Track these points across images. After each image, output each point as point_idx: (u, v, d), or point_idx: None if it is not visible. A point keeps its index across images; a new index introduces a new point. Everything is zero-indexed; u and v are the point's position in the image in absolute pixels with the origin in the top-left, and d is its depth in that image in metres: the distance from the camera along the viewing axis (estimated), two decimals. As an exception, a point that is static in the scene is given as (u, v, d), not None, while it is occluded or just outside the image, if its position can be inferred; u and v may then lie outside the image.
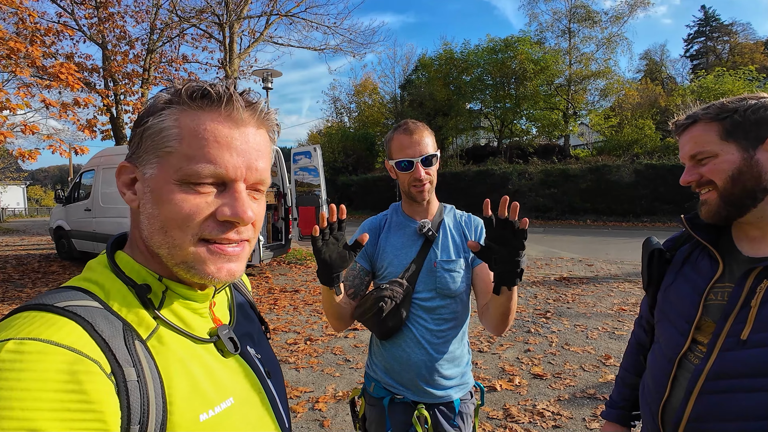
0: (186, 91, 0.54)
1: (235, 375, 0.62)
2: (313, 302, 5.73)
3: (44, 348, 0.43)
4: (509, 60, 20.82)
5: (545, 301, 5.59)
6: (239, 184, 0.55)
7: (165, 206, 0.53)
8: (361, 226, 1.46)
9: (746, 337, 0.84)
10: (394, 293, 1.29)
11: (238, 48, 11.24)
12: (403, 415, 1.34)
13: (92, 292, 0.53)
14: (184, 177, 0.53)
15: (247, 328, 0.73)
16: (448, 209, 1.47)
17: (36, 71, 7.69)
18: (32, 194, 49.21)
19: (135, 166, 0.56)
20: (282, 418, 0.69)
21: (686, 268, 1.01)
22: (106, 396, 0.44)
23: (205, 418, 0.53)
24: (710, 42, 36.27)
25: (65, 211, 9.07)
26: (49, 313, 0.47)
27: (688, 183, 0.95)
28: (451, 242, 1.39)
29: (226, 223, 0.55)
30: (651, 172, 15.11)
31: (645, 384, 1.07)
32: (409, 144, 1.30)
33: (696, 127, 0.93)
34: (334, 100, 31.90)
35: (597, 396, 3.06)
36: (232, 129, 0.54)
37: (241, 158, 0.55)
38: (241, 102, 0.55)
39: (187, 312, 0.60)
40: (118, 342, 0.49)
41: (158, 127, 0.53)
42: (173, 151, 0.53)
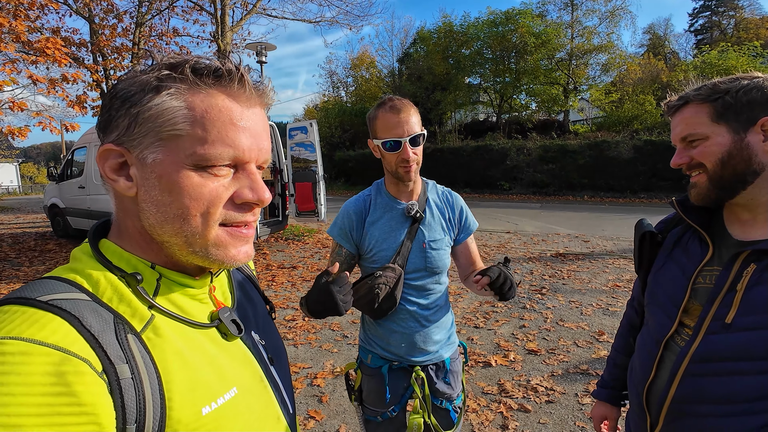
0: (191, 67, 0.50)
1: (237, 362, 0.60)
2: (310, 279, 5.76)
3: (28, 348, 0.40)
4: (510, 33, 20.33)
5: (541, 278, 5.64)
6: (252, 166, 0.54)
7: (182, 193, 0.50)
8: (344, 209, 1.43)
9: (731, 320, 0.84)
10: (388, 279, 1.32)
11: (231, 20, 10.90)
12: (401, 380, 1.43)
13: (78, 283, 0.49)
14: (200, 161, 0.50)
15: (250, 310, 0.71)
16: (431, 186, 1.48)
17: (21, 46, 7.45)
18: (25, 172, 48.76)
19: (126, 150, 0.51)
20: (286, 405, 0.68)
21: (676, 251, 1.01)
22: (99, 397, 0.42)
23: (208, 411, 0.51)
24: (716, 17, 35.41)
25: (59, 189, 8.98)
26: (32, 308, 0.44)
27: (678, 165, 0.93)
28: (437, 220, 1.42)
29: (244, 206, 0.54)
30: (650, 148, 15.03)
31: (633, 365, 1.08)
32: (396, 123, 1.26)
33: (687, 108, 0.91)
34: (330, 74, 31.25)
35: (590, 372, 3.12)
36: (244, 109, 0.52)
37: (253, 139, 0.53)
38: (251, 81, 0.53)
39: (185, 298, 0.57)
40: (109, 337, 0.46)
41: (161, 108, 0.49)
42: (183, 134, 0.49)
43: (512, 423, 2.53)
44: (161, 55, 0.52)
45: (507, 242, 8.00)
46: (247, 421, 0.57)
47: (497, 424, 2.54)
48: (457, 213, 1.46)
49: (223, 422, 0.52)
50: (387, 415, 1.43)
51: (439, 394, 1.45)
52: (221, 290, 0.66)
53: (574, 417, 2.59)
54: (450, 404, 1.47)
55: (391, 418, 1.43)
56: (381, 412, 1.43)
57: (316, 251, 7.58)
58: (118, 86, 0.52)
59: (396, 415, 1.44)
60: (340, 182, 23.17)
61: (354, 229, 1.40)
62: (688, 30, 37.64)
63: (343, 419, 2.63)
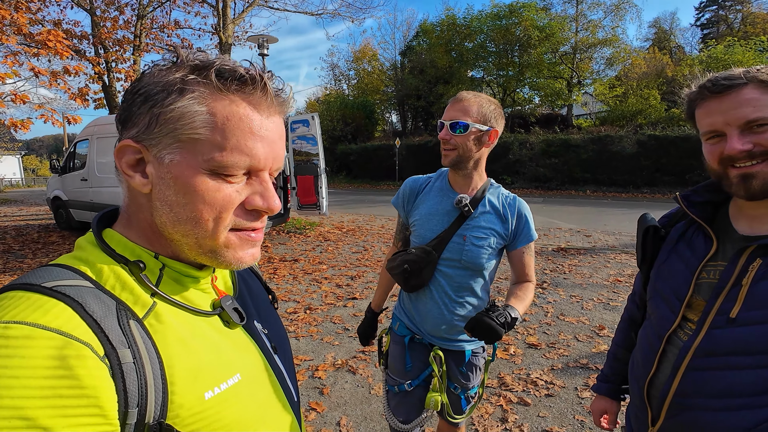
0: (216, 71, 0.50)
1: (241, 350, 0.60)
2: (312, 271, 5.79)
3: (31, 332, 0.41)
4: (513, 26, 20.18)
5: (542, 272, 5.64)
6: (266, 173, 0.55)
7: (196, 196, 0.51)
8: (404, 184, 1.56)
9: (736, 315, 0.83)
10: (419, 259, 1.40)
11: (232, 13, 10.85)
12: (420, 354, 1.51)
13: (82, 270, 0.50)
14: (217, 168, 0.50)
15: (252, 300, 0.71)
16: (494, 188, 1.46)
17: (23, 39, 7.44)
18: (28, 164, 48.85)
19: (144, 147, 0.51)
20: (290, 393, 0.69)
21: (680, 246, 1.00)
22: (100, 380, 0.42)
23: (211, 395, 0.52)
24: (722, 11, 35.00)
25: (62, 181, 9.00)
26: (36, 294, 0.45)
27: (740, 153, 0.81)
28: (487, 221, 1.40)
29: (254, 212, 0.55)
30: (654, 143, 14.94)
31: (634, 359, 1.08)
32: (450, 108, 1.36)
33: (750, 88, 0.81)
34: (332, 66, 31.17)
35: (590, 366, 3.13)
36: (263, 118, 0.53)
37: (270, 148, 0.54)
38: (272, 89, 0.53)
39: (188, 287, 0.58)
40: (111, 322, 0.46)
41: (182, 111, 0.49)
42: (202, 139, 0.50)
43: (512, 416, 2.54)
44: (186, 53, 0.52)
45: (508, 237, 7.99)
46: (251, 407, 0.57)
47: (497, 417, 2.56)
48: (516, 220, 1.42)
49: (226, 407, 0.53)
50: (404, 387, 1.50)
51: (454, 379, 1.50)
52: (223, 280, 0.67)
53: (573, 411, 2.60)
54: (463, 393, 1.51)
55: (407, 391, 1.51)
56: (399, 383, 1.52)
57: (318, 244, 7.59)
58: (141, 82, 0.52)
59: (412, 390, 1.51)
60: (342, 175, 23.17)
61: (407, 201, 1.53)
62: (695, 24, 37.32)
63: (344, 411, 2.65)
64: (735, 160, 0.83)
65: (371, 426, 2.50)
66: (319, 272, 5.80)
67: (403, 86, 24.80)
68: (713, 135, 0.87)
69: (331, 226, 9.41)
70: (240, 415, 0.55)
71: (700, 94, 0.87)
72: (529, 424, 2.49)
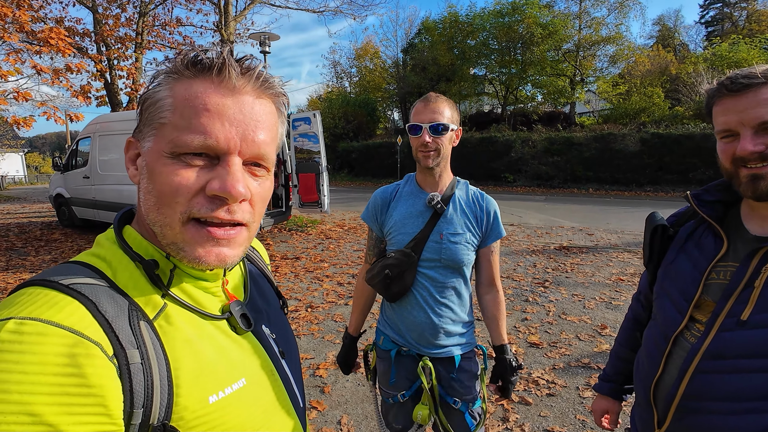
0: (180, 58, 0.51)
1: (247, 354, 0.60)
2: (313, 269, 5.79)
3: (45, 329, 0.41)
4: (516, 24, 20.11)
5: (544, 270, 5.62)
6: (233, 158, 0.51)
7: (156, 180, 0.50)
8: (374, 195, 1.53)
9: (747, 317, 0.82)
10: (399, 262, 1.37)
11: (234, 10, 10.84)
12: (408, 367, 1.46)
13: (99, 268, 0.51)
14: (175, 148, 0.50)
15: (262, 304, 0.71)
16: (461, 184, 1.48)
17: (25, 36, 7.45)
18: (31, 161, 49.00)
19: (138, 141, 0.55)
20: (296, 398, 0.68)
21: (689, 245, 0.98)
22: (107, 380, 0.43)
23: (215, 399, 0.52)
24: (727, 8, 34.76)
25: (64, 179, 9.02)
26: (53, 291, 0.46)
27: (751, 154, 0.79)
28: (460, 216, 1.41)
29: (216, 200, 0.51)
30: (657, 141, 14.87)
31: (639, 360, 1.06)
32: (422, 111, 1.35)
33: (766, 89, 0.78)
34: (334, 64, 31.19)
35: (591, 365, 3.12)
36: (225, 97, 0.51)
37: (235, 128, 0.50)
38: (235, 68, 0.51)
39: (198, 290, 0.58)
40: (122, 323, 0.47)
41: (155, 98, 0.52)
42: (166, 122, 0.50)
43: (513, 415, 2.54)
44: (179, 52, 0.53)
45: (511, 235, 7.98)
46: (255, 412, 0.57)
47: (497, 416, 2.55)
48: (485, 216, 1.43)
49: (230, 411, 0.53)
50: (397, 398, 1.47)
51: (452, 391, 1.42)
52: (234, 284, 0.66)
53: (574, 410, 2.59)
54: (466, 407, 1.42)
55: (401, 402, 1.47)
56: (392, 395, 1.48)
57: (319, 242, 7.59)
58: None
59: (406, 401, 1.47)
60: (344, 173, 23.16)
61: (379, 212, 1.49)
62: (699, 22, 37.09)
63: (344, 410, 2.64)
64: (746, 161, 0.81)
65: (372, 424, 2.50)
66: (320, 270, 5.80)
67: (405, 84, 24.73)
68: (727, 134, 0.85)
69: (333, 223, 9.41)
70: (243, 420, 0.55)
71: (719, 91, 0.85)
72: (530, 423, 2.48)
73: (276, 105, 0.57)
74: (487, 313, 1.50)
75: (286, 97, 0.59)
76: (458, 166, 13.62)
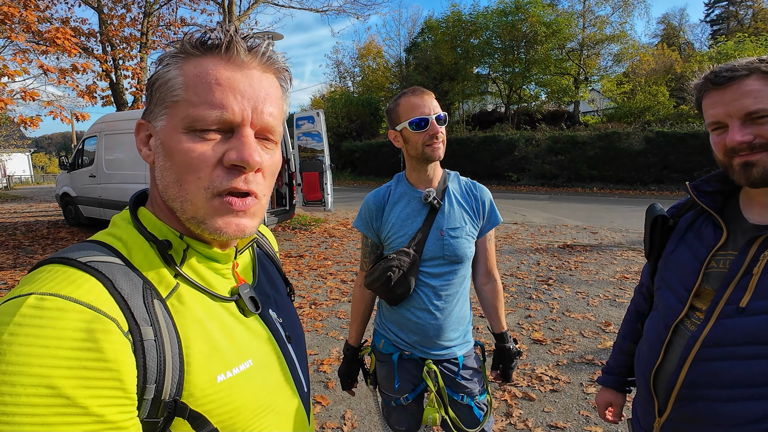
0: (188, 40, 0.53)
1: (255, 337, 0.61)
2: (317, 267, 5.81)
3: (64, 305, 0.43)
4: (520, 23, 20.01)
5: (548, 268, 5.62)
6: (246, 129, 0.53)
7: (175, 157, 0.52)
8: (365, 201, 1.47)
9: (746, 304, 0.83)
10: (402, 263, 1.33)
11: (238, 10, 10.88)
12: (412, 370, 1.43)
13: (115, 247, 0.53)
14: (191, 124, 0.51)
15: (270, 290, 0.72)
16: (452, 176, 1.47)
17: (32, 36, 7.51)
18: (37, 161, 49.31)
19: (149, 122, 0.56)
20: (301, 383, 0.69)
21: (689, 236, 0.99)
22: (123, 355, 0.44)
23: (223, 378, 0.53)
24: (732, 6, 34.49)
25: (70, 178, 9.09)
26: (72, 268, 0.47)
27: (740, 144, 0.82)
28: (457, 209, 1.40)
29: (234, 170, 0.52)
30: (662, 140, 14.77)
31: (640, 350, 1.07)
32: (421, 103, 1.31)
33: (752, 80, 0.81)
34: (337, 63, 31.21)
35: (595, 362, 3.12)
36: (234, 71, 0.53)
37: (246, 100, 0.53)
38: (242, 45, 0.53)
39: (209, 271, 0.59)
40: (137, 300, 0.49)
41: (165, 78, 0.53)
42: (179, 100, 0.52)
43: (516, 411, 2.54)
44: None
45: (514, 233, 7.97)
46: (260, 393, 0.58)
47: (501, 411, 2.56)
48: (481, 205, 1.43)
49: (237, 391, 0.54)
50: (400, 401, 1.44)
51: (458, 388, 1.42)
52: (243, 267, 0.68)
53: (578, 406, 2.60)
54: (472, 400, 1.42)
55: (404, 405, 1.44)
56: (395, 398, 1.45)
57: (323, 240, 7.61)
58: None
59: (409, 403, 1.44)
60: (347, 172, 23.18)
61: (374, 218, 1.44)
62: (704, 20, 36.88)
63: (348, 405, 2.66)
64: (737, 151, 0.84)
65: (375, 419, 2.51)
66: (324, 268, 5.82)
67: (408, 83, 24.70)
68: (717, 126, 0.87)
69: (336, 222, 9.43)
70: (250, 400, 0.56)
71: (704, 85, 0.88)
72: (534, 418, 2.48)
73: (279, 80, 0.59)
74: (486, 303, 1.50)
75: (289, 72, 0.60)
76: (462, 165, 13.63)
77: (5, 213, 12.65)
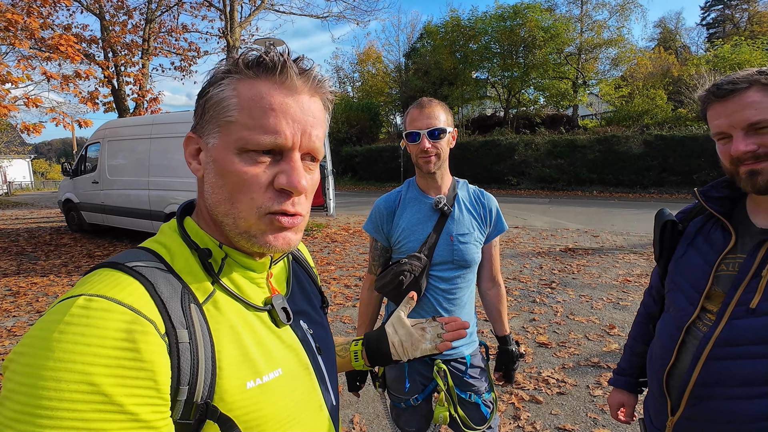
0: (243, 59, 0.55)
1: (285, 347, 0.62)
2: (320, 272, 5.82)
3: (109, 306, 0.45)
4: (518, 27, 20.16)
5: (550, 272, 5.64)
6: (295, 153, 0.55)
7: (228, 176, 0.54)
8: (376, 205, 1.51)
9: (755, 305, 0.86)
10: (413, 267, 1.36)
11: (239, 16, 10.95)
12: (421, 371, 1.47)
13: (159, 254, 0.56)
14: (244, 146, 0.53)
15: (303, 302, 0.73)
16: (461, 184, 1.52)
17: (35, 43, 7.57)
18: (37, 168, 49.37)
19: (199, 137, 0.58)
20: (329, 395, 0.70)
21: (698, 240, 1.02)
22: (158, 356, 0.46)
23: (252, 386, 0.54)
24: (728, 10, 34.74)
25: (73, 184, 9.12)
26: (119, 272, 0.50)
27: (743, 154, 0.85)
28: (466, 216, 1.44)
29: (283, 193, 0.55)
30: (661, 143, 14.85)
31: (653, 351, 1.10)
32: (418, 117, 1.36)
33: (753, 92, 0.85)
34: (336, 69, 31.24)
35: (601, 364, 3.14)
36: (286, 97, 0.55)
37: (297, 125, 0.55)
38: (295, 69, 0.55)
39: (245, 280, 0.61)
40: (175, 304, 0.51)
41: (219, 97, 0.55)
42: (234, 121, 0.53)
43: (524, 413, 2.56)
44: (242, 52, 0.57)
45: (516, 237, 8.00)
46: (288, 403, 0.59)
47: (509, 414, 2.57)
48: (488, 212, 1.47)
49: (265, 398, 0.55)
50: (410, 402, 1.46)
51: (465, 386, 1.46)
52: (277, 278, 0.69)
53: (585, 408, 2.61)
54: (479, 398, 1.46)
55: (414, 406, 1.47)
56: (404, 399, 1.47)
57: (325, 245, 7.63)
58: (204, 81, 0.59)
59: (419, 404, 1.47)
60: (347, 177, 23.21)
61: (384, 222, 1.48)
62: (700, 24, 37.08)
63: (356, 409, 2.67)
64: (742, 160, 0.87)
65: (384, 423, 2.52)
66: (327, 273, 5.84)
67: (408, 88, 24.82)
68: (723, 136, 0.91)
69: (338, 227, 9.45)
70: (277, 409, 0.57)
71: (707, 98, 0.92)
72: (542, 421, 2.50)
73: (324, 103, 0.61)
74: (491, 307, 1.55)
75: (333, 95, 0.63)
76: (461, 169, 13.64)
77: (7, 219, 12.65)
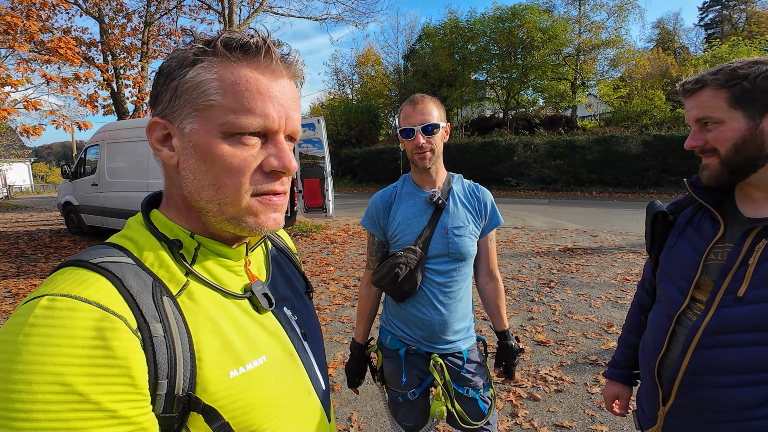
0: (222, 42, 0.53)
1: (268, 334, 0.62)
2: (320, 273, 5.83)
3: (74, 305, 0.44)
4: (516, 29, 20.22)
5: (549, 271, 5.65)
6: (281, 135, 0.56)
7: (215, 161, 0.53)
8: (373, 200, 1.53)
9: (743, 294, 0.87)
10: (409, 260, 1.38)
11: (238, 19, 10.99)
12: (418, 365, 1.48)
13: (126, 248, 0.54)
14: (231, 130, 0.52)
15: (286, 288, 0.72)
16: (456, 178, 1.53)
17: (34, 46, 7.60)
18: (37, 171, 49.40)
19: (168, 122, 0.55)
20: (318, 381, 0.69)
21: (688, 230, 1.03)
22: (132, 352, 0.45)
23: (236, 374, 0.53)
24: (726, 10, 34.88)
25: (73, 187, 9.13)
26: (83, 269, 0.49)
27: (692, 148, 0.95)
28: (461, 209, 1.45)
29: (273, 174, 0.56)
30: (659, 143, 14.88)
31: (644, 342, 1.11)
32: (411, 113, 1.38)
33: (704, 92, 0.92)
34: (335, 71, 31.40)
35: (599, 362, 3.14)
36: (271, 80, 0.54)
37: (281, 109, 0.55)
38: (277, 53, 0.55)
39: (221, 269, 0.60)
40: (146, 298, 0.50)
41: (196, 80, 0.52)
42: (215, 104, 0.52)
43: (522, 411, 2.56)
44: (200, 33, 0.56)
45: (515, 237, 8.01)
46: (276, 390, 0.59)
47: (507, 411, 2.58)
48: (483, 206, 1.49)
49: (250, 387, 0.55)
50: (407, 396, 1.48)
51: (463, 381, 1.46)
52: (257, 265, 0.68)
53: (583, 405, 2.62)
54: (477, 393, 1.47)
55: (411, 400, 1.48)
56: (402, 393, 1.48)
57: (324, 246, 7.64)
58: (163, 63, 0.56)
59: (416, 398, 1.48)
60: (347, 179, 23.25)
61: (381, 217, 1.49)
62: (698, 24, 37.24)
63: (354, 407, 2.68)
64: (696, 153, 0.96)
65: (381, 421, 2.53)
66: (326, 273, 5.84)
67: (407, 90, 24.87)
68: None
69: (337, 228, 9.46)
70: (264, 397, 0.56)
71: (680, 94, 1.00)
72: (540, 418, 2.50)
73: (298, 84, 0.62)
74: (489, 301, 1.55)
75: (304, 77, 0.63)
76: (461, 170, 13.73)
77: (7, 222, 12.66)
